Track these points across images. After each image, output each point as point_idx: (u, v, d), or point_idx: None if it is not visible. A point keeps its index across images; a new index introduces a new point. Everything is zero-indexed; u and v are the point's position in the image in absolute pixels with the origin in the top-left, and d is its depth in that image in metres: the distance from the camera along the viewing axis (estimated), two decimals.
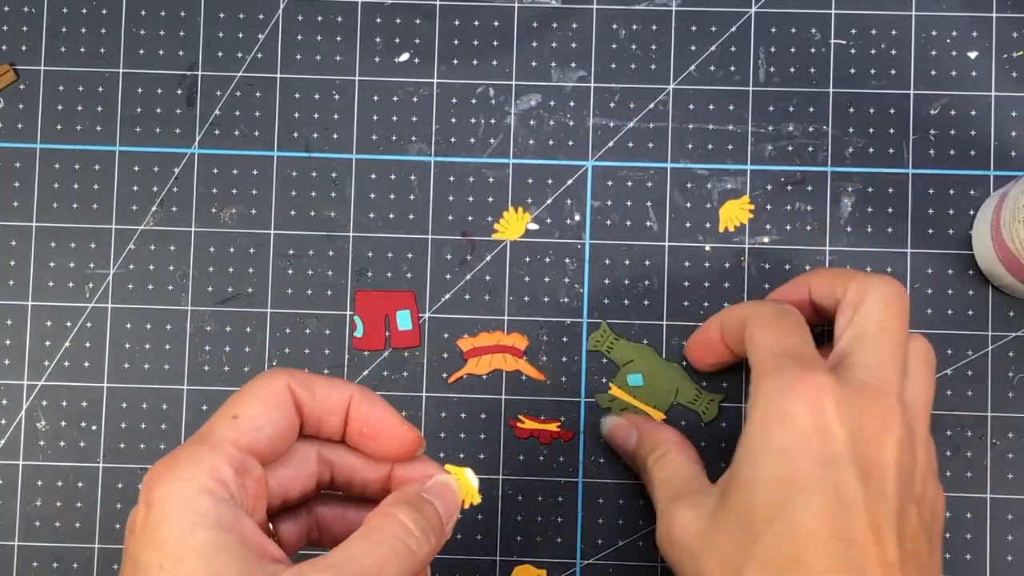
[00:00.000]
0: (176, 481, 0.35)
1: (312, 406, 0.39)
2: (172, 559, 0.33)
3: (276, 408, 0.38)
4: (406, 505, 0.37)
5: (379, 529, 0.36)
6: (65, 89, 0.58)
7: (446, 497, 0.39)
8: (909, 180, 0.57)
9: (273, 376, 0.38)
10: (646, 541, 0.55)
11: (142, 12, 0.58)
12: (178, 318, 0.57)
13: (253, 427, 0.37)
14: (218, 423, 0.37)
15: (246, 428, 0.37)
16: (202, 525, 0.34)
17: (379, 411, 0.40)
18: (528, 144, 0.57)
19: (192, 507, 0.34)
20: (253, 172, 0.58)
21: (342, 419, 0.40)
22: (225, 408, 0.38)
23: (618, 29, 0.58)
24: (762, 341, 0.45)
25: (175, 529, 0.34)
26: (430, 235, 0.57)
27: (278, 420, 0.38)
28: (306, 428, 0.40)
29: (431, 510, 0.38)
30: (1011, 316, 0.56)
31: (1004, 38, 0.57)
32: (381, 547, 0.35)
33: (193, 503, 0.34)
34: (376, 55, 0.58)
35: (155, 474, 0.35)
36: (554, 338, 0.56)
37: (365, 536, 0.36)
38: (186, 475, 0.35)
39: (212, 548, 0.33)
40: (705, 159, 0.57)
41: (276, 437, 0.38)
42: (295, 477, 0.40)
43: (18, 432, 0.57)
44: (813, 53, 0.57)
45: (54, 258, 0.57)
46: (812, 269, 0.54)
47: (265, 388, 0.38)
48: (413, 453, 0.40)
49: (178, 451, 0.36)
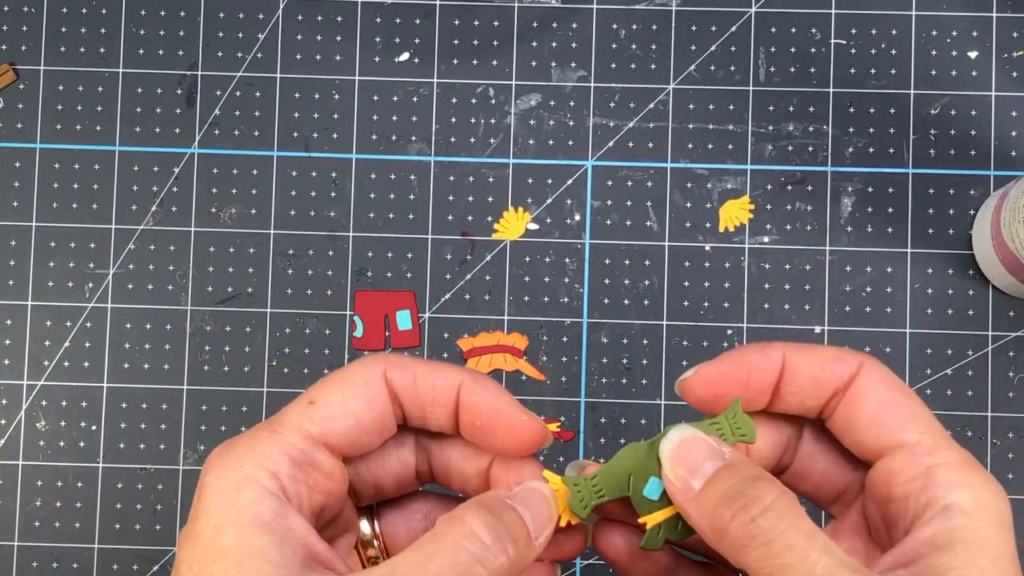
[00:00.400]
0: (224, 468, 0.31)
1: (414, 396, 0.34)
2: (201, 560, 0.30)
3: (362, 397, 0.33)
4: (481, 509, 0.31)
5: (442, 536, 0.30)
6: (65, 89, 0.58)
7: (536, 505, 0.32)
8: (909, 180, 0.57)
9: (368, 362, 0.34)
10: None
11: (142, 12, 0.58)
12: (178, 318, 0.57)
13: (329, 415, 0.32)
14: (293, 408, 0.33)
15: (321, 416, 0.32)
16: (237, 522, 0.30)
17: (492, 399, 0.34)
18: (528, 144, 0.57)
19: (232, 500, 0.30)
20: (253, 172, 0.58)
21: (451, 410, 0.34)
22: (306, 393, 0.33)
23: (618, 29, 0.58)
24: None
25: (210, 526, 0.30)
26: (430, 235, 0.57)
27: (362, 411, 0.33)
28: (410, 421, 0.35)
29: (513, 517, 0.31)
30: (1011, 316, 0.56)
31: (1004, 38, 0.57)
32: (439, 557, 0.30)
33: (235, 495, 0.30)
34: (376, 55, 0.58)
35: (212, 457, 0.31)
36: (554, 338, 0.56)
37: (425, 544, 0.30)
38: (236, 462, 0.31)
39: (243, 550, 0.29)
40: (705, 159, 0.57)
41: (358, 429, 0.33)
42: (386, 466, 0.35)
43: (18, 432, 0.57)
44: (813, 53, 0.57)
45: (54, 258, 0.57)
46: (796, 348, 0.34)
47: (354, 374, 0.33)
48: (538, 446, 0.34)
49: (242, 434, 0.32)
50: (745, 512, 0.29)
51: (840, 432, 0.34)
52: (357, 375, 0.33)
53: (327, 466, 0.32)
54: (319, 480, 0.32)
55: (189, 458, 0.56)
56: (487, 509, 0.31)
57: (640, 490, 0.35)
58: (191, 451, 0.56)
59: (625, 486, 0.35)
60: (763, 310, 0.56)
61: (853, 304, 0.56)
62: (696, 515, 0.31)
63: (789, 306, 0.56)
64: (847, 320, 0.56)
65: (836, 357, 0.33)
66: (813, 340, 0.56)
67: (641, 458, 0.35)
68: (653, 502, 0.35)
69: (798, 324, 0.56)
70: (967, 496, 0.30)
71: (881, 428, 0.32)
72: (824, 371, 0.33)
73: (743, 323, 0.56)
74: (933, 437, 0.32)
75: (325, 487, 0.32)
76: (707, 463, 0.32)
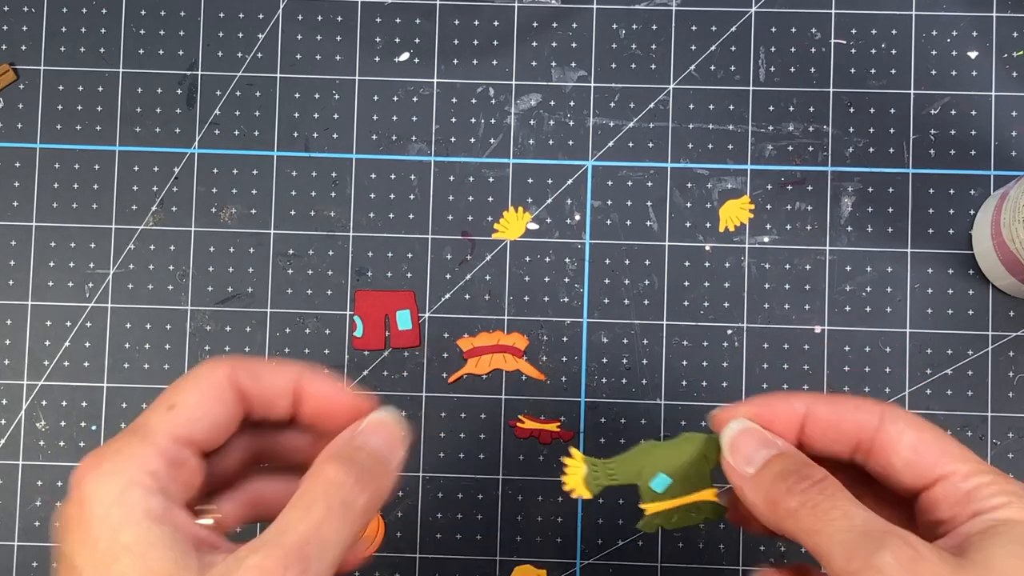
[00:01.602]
0: (104, 475, 0.33)
1: (258, 392, 0.37)
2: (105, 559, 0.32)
3: (216, 399, 0.36)
4: (335, 458, 0.35)
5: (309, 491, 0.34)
6: (65, 89, 0.58)
7: (381, 435, 0.36)
8: (909, 180, 0.57)
9: (214, 365, 0.37)
10: (646, 541, 0.55)
11: (142, 12, 0.58)
12: (178, 318, 0.57)
13: (191, 418, 0.35)
14: (154, 414, 0.35)
15: (183, 419, 0.35)
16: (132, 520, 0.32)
17: (329, 387, 0.38)
18: (528, 144, 0.57)
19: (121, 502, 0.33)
20: (253, 172, 0.58)
21: (290, 401, 0.38)
22: (162, 397, 0.36)
23: (618, 29, 0.58)
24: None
25: (105, 528, 0.32)
26: (430, 235, 0.57)
27: (217, 411, 0.36)
28: (254, 414, 0.38)
29: (364, 455, 0.35)
30: (1011, 316, 0.56)
31: (1004, 38, 0.57)
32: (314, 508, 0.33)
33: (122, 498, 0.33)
34: (376, 55, 0.58)
35: (83, 468, 0.34)
36: (554, 338, 0.56)
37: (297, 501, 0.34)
38: (115, 469, 0.33)
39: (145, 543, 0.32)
40: (705, 159, 0.57)
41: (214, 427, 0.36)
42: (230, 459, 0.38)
43: (18, 432, 0.57)
44: (813, 53, 0.57)
45: (54, 258, 0.57)
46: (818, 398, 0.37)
47: (205, 377, 0.36)
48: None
49: (108, 443, 0.34)
50: (798, 484, 0.34)
51: (881, 478, 0.36)
52: (208, 378, 0.36)
53: (193, 463, 0.35)
54: (188, 476, 0.35)
55: None
56: (340, 456, 0.35)
57: (648, 482, 0.42)
58: None
59: (636, 476, 0.42)
60: (763, 310, 0.56)
61: (853, 304, 0.56)
62: (752, 492, 0.36)
63: (789, 306, 0.56)
64: (847, 320, 0.56)
65: (856, 406, 0.36)
66: (813, 340, 0.56)
67: (655, 455, 0.42)
68: (656, 493, 0.42)
69: (798, 324, 0.56)
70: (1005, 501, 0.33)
71: (918, 468, 0.35)
72: (844, 420, 0.36)
73: (743, 323, 0.56)
74: (967, 464, 0.34)
75: (193, 481, 0.35)
76: (762, 450, 0.36)
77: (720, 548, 0.56)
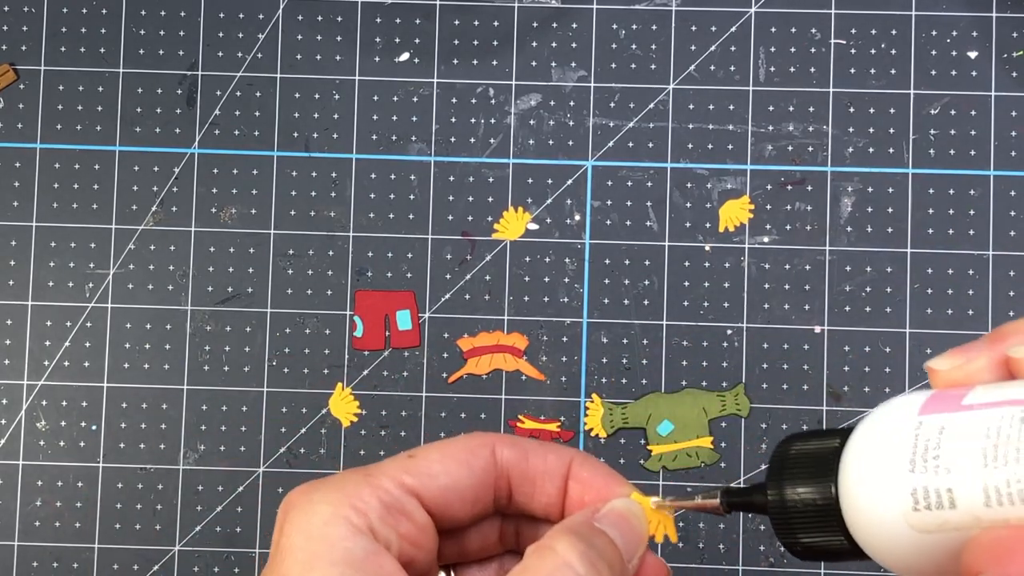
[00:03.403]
0: (310, 504, 0.30)
1: (524, 468, 0.33)
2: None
3: (463, 462, 0.32)
4: (570, 535, 0.30)
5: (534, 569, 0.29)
6: (65, 89, 0.58)
7: (624, 526, 0.32)
8: (909, 180, 0.57)
9: (478, 434, 0.34)
10: None
11: (142, 12, 0.58)
12: (178, 318, 0.57)
13: (427, 471, 0.32)
14: (390, 459, 0.32)
15: (418, 469, 0.32)
16: (326, 559, 0.29)
17: (603, 477, 0.33)
18: (528, 144, 0.57)
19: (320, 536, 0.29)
20: (253, 172, 0.58)
21: (560, 484, 0.34)
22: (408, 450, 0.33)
23: (618, 29, 0.58)
24: None
25: (296, 562, 0.29)
26: (430, 235, 0.57)
27: (461, 474, 0.32)
28: (517, 494, 0.34)
29: (604, 541, 0.31)
30: (1011, 316, 0.56)
31: (1004, 38, 0.57)
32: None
33: (321, 532, 0.29)
34: (376, 55, 0.58)
35: (293, 495, 0.31)
36: (554, 338, 0.56)
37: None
38: (323, 499, 0.30)
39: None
40: (705, 159, 0.57)
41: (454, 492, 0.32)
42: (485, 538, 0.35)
43: (18, 432, 0.57)
44: (813, 53, 0.57)
45: (54, 258, 0.57)
46: None
47: (458, 441, 0.33)
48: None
49: (330, 476, 0.31)
50: None
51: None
52: (460, 441, 0.33)
53: (418, 516, 0.31)
54: (410, 529, 0.31)
55: (189, 458, 0.56)
56: (576, 536, 0.30)
57: (654, 427, 0.54)
58: (191, 451, 0.56)
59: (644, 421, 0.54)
60: (763, 310, 0.56)
61: (853, 304, 0.56)
62: None
63: (789, 306, 0.56)
64: (847, 320, 0.56)
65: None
66: (813, 340, 0.56)
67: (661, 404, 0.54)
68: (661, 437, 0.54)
69: (798, 324, 0.56)
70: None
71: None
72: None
73: (743, 323, 0.56)
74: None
75: (416, 538, 0.31)
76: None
77: (720, 548, 0.56)
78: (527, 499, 0.34)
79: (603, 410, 0.55)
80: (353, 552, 0.29)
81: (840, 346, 0.56)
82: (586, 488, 0.33)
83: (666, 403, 0.55)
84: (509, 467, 0.33)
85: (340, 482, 0.31)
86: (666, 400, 0.55)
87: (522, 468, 0.33)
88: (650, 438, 0.55)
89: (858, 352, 0.56)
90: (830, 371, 0.56)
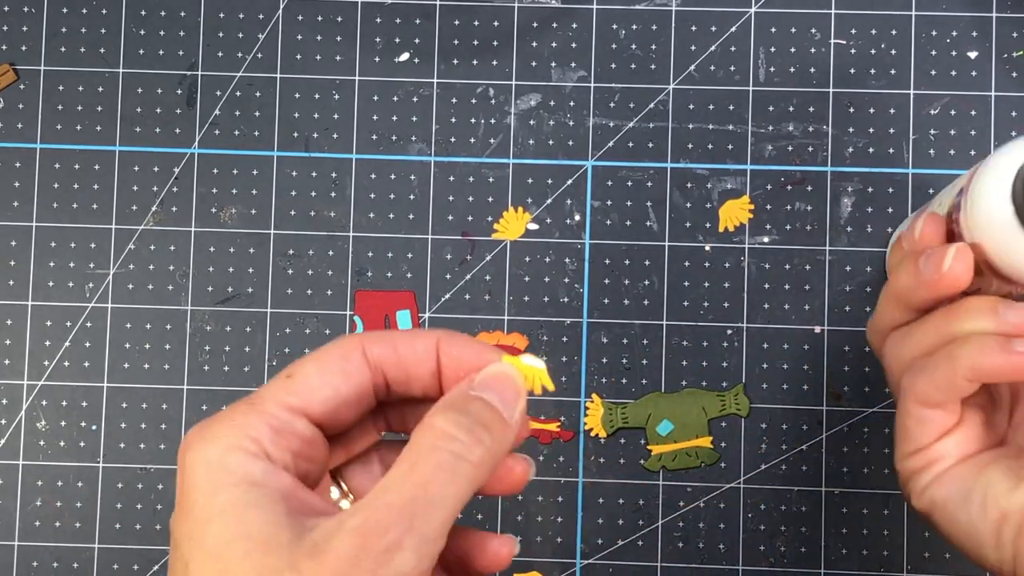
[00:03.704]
0: (205, 441, 0.32)
1: (395, 360, 0.35)
2: (199, 525, 0.31)
3: (338, 371, 0.34)
4: (446, 409, 0.32)
5: (418, 445, 0.31)
6: (65, 89, 0.58)
7: (500, 387, 0.34)
8: (909, 180, 0.57)
9: (345, 339, 0.35)
10: (646, 541, 0.55)
11: (142, 12, 0.58)
12: (178, 318, 0.57)
13: (306, 388, 0.33)
14: (271, 383, 0.34)
15: (297, 388, 0.33)
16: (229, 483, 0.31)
17: (472, 350, 0.35)
18: (528, 144, 0.57)
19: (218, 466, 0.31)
20: (253, 172, 0.58)
21: (433, 367, 0.35)
22: (284, 370, 0.34)
23: (618, 29, 0.58)
24: None
25: (202, 493, 0.31)
26: (430, 235, 0.57)
27: (339, 382, 0.34)
28: (395, 384, 0.35)
29: (479, 406, 0.33)
30: None
31: (1004, 38, 0.57)
32: (421, 464, 0.31)
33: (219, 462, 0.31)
34: (376, 55, 0.58)
35: (189, 436, 0.32)
36: (554, 338, 0.56)
37: (403, 457, 0.31)
38: (216, 434, 0.32)
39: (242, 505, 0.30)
40: (705, 159, 0.57)
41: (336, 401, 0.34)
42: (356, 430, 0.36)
43: (18, 432, 0.57)
44: (813, 53, 0.57)
45: (54, 258, 0.57)
46: None
47: (329, 350, 0.34)
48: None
49: (218, 413, 0.33)
50: None
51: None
52: (332, 350, 0.34)
53: (307, 432, 0.33)
54: (301, 446, 0.33)
55: None
56: (452, 407, 0.32)
57: (654, 427, 0.54)
58: None
59: (644, 420, 0.54)
60: (763, 310, 0.56)
61: (853, 304, 0.56)
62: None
63: (789, 306, 0.56)
64: (847, 320, 0.56)
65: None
66: (813, 340, 0.56)
67: (661, 404, 0.55)
68: (661, 436, 0.54)
69: (798, 324, 0.56)
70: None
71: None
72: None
73: (743, 323, 0.56)
74: None
75: (308, 453, 0.33)
76: None
77: (720, 548, 0.56)
78: (404, 387, 0.35)
79: (603, 410, 0.55)
80: (253, 474, 0.31)
81: (840, 346, 0.56)
82: (458, 364, 0.35)
83: (666, 403, 0.55)
84: (381, 362, 0.35)
85: (229, 416, 0.32)
86: (666, 400, 0.55)
87: (394, 360, 0.35)
88: (650, 438, 0.55)
89: (858, 352, 0.56)
90: (830, 371, 0.56)
